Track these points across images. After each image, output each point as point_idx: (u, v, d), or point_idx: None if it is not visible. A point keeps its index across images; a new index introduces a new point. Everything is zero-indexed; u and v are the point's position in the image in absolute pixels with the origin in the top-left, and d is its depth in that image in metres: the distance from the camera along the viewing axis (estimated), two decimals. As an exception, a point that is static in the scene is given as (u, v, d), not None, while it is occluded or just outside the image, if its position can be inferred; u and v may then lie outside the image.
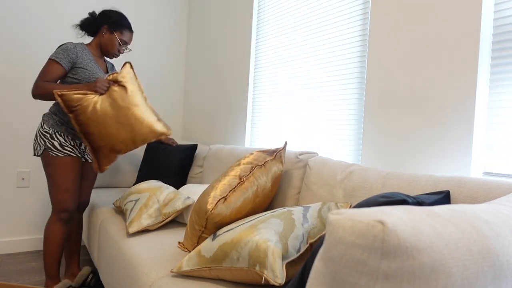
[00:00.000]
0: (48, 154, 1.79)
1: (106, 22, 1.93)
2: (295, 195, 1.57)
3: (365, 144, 1.58)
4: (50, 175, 1.81)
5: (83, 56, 1.85)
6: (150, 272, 1.20)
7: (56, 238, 1.82)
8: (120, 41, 1.95)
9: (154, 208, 1.62)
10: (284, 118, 2.08)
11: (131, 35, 2.01)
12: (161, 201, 1.65)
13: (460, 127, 1.27)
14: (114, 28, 1.94)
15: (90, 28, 1.97)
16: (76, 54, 1.82)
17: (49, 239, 1.82)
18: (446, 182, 1.08)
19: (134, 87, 1.81)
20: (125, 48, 2.00)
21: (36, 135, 1.85)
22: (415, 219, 0.47)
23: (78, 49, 1.83)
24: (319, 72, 1.86)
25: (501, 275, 0.52)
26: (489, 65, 1.23)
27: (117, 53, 1.99)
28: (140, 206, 1.64)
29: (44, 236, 1.83)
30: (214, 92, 2.80)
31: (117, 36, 1.94)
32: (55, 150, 1.80)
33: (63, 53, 1.78)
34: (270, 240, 0.99)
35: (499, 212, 0.61)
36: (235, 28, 2.56)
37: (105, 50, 1.97)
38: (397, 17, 1.48)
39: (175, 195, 1.69)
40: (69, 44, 1.82)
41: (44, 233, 1.84)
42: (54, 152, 1.79)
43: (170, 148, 2.48)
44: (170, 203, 1.65)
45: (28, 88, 2.58)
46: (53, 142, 1.80)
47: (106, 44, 1.95)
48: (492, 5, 1.22)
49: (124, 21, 1.97)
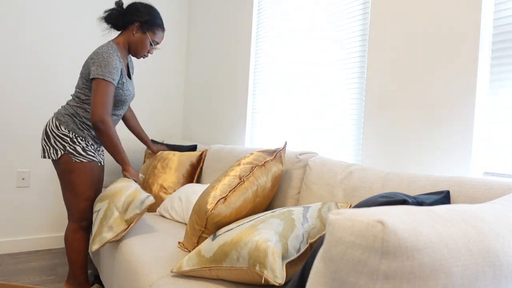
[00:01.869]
0: (69, 159, 1.65)
1: (138, 19, 1.74)
2: (295, 195, 1.57)
3: (365, 144, 1.58)
4: (71, 182, 1.67)
5: (122, 72, 1.73)
6: (150, 272, 1.20)
7: (81, 247, 1.73)
8: (152, 42, 1.78)
9: (113, 218, 1.51)
10: (284, 118, 2.08)
11: (163, 35, 1.84)
12: (120, 207, 1.53)
13: (460, 127, 1.27)
14: (147, 27, 1.75)
15: (118, 22, 1.77)
16: (120, 71, 1.69)
17: (74, 248, 1.72)
18: (446, 182, 1.08)
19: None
20: (155, 48, 1.85)
21: (48, 137, 1.68)
22: (415, 219, 0.47)
23: (119, 63, 1.68)
24: (319, 72, 1.86)
25: (501, 275, 0.52)
26: (489, 65, 1.23)
27: (146, 55, 1.83)
28: (100, 218, 1.55)
29: (67, 246, 1.73)
30: (214, 92, 2.80)
31: (149, 37, 1.76)
32: (79, 156, 1.67)
33: (115, 71, 1.65)
34: (270, 240, 0.99)
35: (499, 212, 0.61)
36: (235, 28, 2.56)
37: (134, 50, 1.80)
38: (397, 17, 1.48)
39: (133, 197, 1.55)
40: (115, 59, 1.65)
41: (66, 243, 1.74)
42: (77, 158, 1.66)
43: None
44: (130, 207, 1.52)
45: (28, 89, 2.58)
46: (75, 146, 1.66)
47: (137, 44, 1.77)
48: (492, 5, 1.22)
49: (158, 20, 1.78)
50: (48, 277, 2.17)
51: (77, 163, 1.66)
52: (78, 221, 1.71)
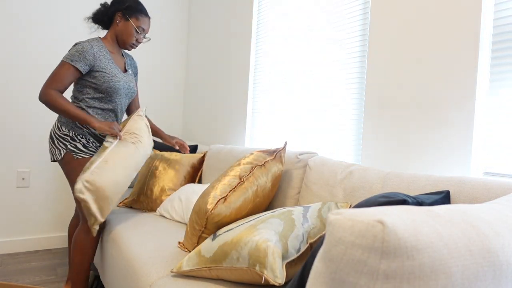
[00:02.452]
0: (71, 157, 1.66)
1: (119, 8, 1.75)
2: (295, 195, 1.57)
3: (365, 144, 1.58)
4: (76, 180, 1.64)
5: (101, 57, 1.70)
6: (150, 272, 1.20)
7: (89, 250, 1.67)
8: (137, 28, 1.76)
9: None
10: (284, 118, 2.08)
11: (148, 21, 1.81)
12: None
13: (460, 127, 1.27)
14: (129, 14, 1.74)
15: (103, 19, 1.80)
16: (94, 56, 1.67)
17: (81, 250, 1.65)
18: (446, 182, 1.08)
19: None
20: (143, 36, 1.81)
21: (52, 139, 1.70)
22: (415, 219, 0.47)
23: (95, 50, 1.68)
24: (319, 72, 1.86)
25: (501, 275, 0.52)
26: (489, 65, 1.23)
27: (135, 43, 1.81)
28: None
29: (74, 246, 1.66)
30: (214, 92, 2.80)
31: (133, 23, 1.75)
32: (80, 152, 1.68)
33: (79, 55, 1.63)
34: (270, 240, 0.99)
35: (499, 212, 0.61)
36: (236, 28, 2.56)
37: (121, 41, 1.79)
38: (397, 17, 1.48)
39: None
40: (86, 45, 1.66)
41: (73, 243, 1.67)
42: (78, 155, 1.67)
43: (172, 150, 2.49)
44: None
45: (28, 89, 2.58)
46: (75, 144, 1.67)
47: (122, 33, 1.76)
48: (492, 5, 1.22)
49: (140, 6, 1.78)
50: (48, 277, 2.17)
51: (79, 159, 1.67)
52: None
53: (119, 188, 1.59)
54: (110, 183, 1.54)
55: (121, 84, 1.77)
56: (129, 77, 1.85)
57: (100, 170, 1.53)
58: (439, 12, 1.34)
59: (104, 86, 1.70)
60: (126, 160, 1.63)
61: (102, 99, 1.73)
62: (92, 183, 1.50)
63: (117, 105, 1.81)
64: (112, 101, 1.77)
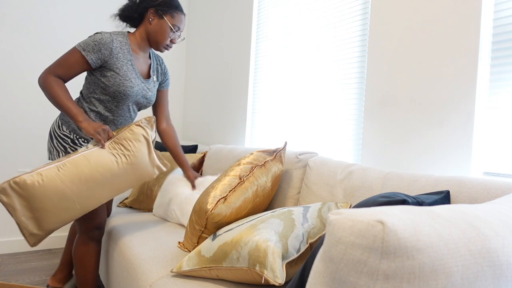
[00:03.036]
0: None
1: (151, 4, 1.54)
2: (295, 195, 1.57)
3: (365, 144, 1.58)
4: None
5: (119, 55, 1.49)
6: (150, 272, 1.20)
7: (91, 261, 1.52)
8: (173, 26, 1.55)
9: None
10: (284, 118, 2.09)
11: (184, 18, 1.60)
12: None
13: (460, 127, 1.27)
14: (163, 10, 1.54)
15: (133, 16, 1.59)
16: (111, 52, 1.46)
17: (82, 263, 1.51)
18: (446, 182, 1.08)
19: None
20: (178, 36, 1.62)
21: (51, 138, 1.54)
22: (415, 219, 0.47)
23: (115, 45, 1.47)
24: (319, 72, 1.86)
25: (501, 275, 0.52)
26: (489, 65, 1.23)
27: (169, 44, 1.60)
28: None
29: (75, 260, 1.53)
30: (214, 92, 2.80)
31: (168, 21, 1.55)
32: None
33: (94, 46, 1.43)
34: (270, 240, 0.99)
35: (499, 212, 0.61)
36: (235, 28, 2.56)
37: (154, 41, 1.58)
38: (397, 17, 1.48)
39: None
40: (106, 37, 1.45)
41: (74, 257, 1.53)
42: None
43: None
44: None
45: (28, 88, 2.58)
46: (76, 148, 1.51)
47: (156, 33, 1.55)
48: (492, 5, 1.22)
49: (174, 1, 1.57)
50: (48, 277, 2.17)
51: None
52: (87, 231, 1.51)
53: (66, 203, 1.29)
54: (52, 193, 1.26)
55: (134, 91, 1.54)
56: (149, 84, 1.62)
57: (47, 174, 1.27)
58: (440, 11, 1.34)
59: (112, 89, 1.49)
60: (90, 172, 1.33)
61: (107, 103, 1.53)
62: (23, 187, 1.22)
63: (120, 115, 1.59)
64: (119, 107, 1.56)
